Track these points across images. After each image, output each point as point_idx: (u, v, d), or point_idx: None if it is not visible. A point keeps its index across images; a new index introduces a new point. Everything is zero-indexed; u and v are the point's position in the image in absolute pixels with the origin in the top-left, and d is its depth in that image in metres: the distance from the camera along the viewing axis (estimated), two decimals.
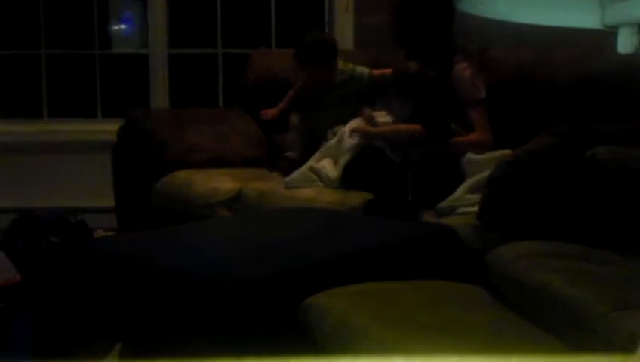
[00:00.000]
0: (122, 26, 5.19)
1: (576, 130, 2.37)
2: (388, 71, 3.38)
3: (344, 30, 4.39)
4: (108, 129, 4.07)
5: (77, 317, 2.37)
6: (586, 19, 1.26)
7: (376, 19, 3.50)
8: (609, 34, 1.27)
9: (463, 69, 3.19)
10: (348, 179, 3.08)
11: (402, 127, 3.11)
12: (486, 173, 2.66)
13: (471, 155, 2.97)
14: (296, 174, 3.20)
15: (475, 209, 2.59)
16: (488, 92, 3.20)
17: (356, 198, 2.95)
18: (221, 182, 3.39)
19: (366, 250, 2.23)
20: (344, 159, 3.12)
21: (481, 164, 2.90)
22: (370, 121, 3.17)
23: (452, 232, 2.46)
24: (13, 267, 2.78)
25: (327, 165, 3.18)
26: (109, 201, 3.84)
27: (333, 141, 3.25)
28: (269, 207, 3.09)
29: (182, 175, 3.53)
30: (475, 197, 2.67)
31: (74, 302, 2.37)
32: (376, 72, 3.53)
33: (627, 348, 1.40)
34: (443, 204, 2.77)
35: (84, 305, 2.33)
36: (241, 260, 2.09)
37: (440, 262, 2.37)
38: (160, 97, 4.73)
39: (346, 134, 3.19)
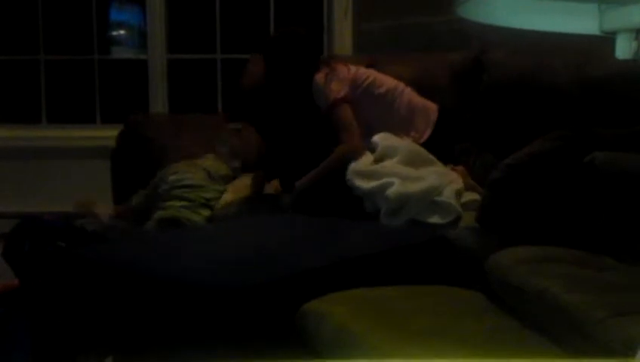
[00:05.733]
0: (121, 32, 5.19)
1: (577, 135, 2.37)
2: None
3: (343, 36, 4.39)
4: (107, 134, 4.08)
5: (71, 325, 2.37)
6: (585, 24, 1.26)
7: (374, 24, 3.51)
8: (608, 39, 1.27)
9: (318, 79, 3.26)
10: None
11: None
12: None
13: (352, 167, 3.00)
14: None
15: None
16: (489, 96, 3.21)
17: None
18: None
19: (362, 256, 2.23)
20: None
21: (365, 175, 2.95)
22: None
23: (444, 239, 2.46)
24: (11, 271, 2.78)
25: None
26: None
27: None
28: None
29: None
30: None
31: (68, 309, 2.36)
32: None
33: (626, 354, 1.40)
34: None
35: (77, 312, 2.32)
36: (237, 266, 2.08)
37: (437, 268, 2.37)
38: (159, 103, 4.73)
39: None
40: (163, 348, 2.04)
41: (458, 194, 2.84)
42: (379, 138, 3.10)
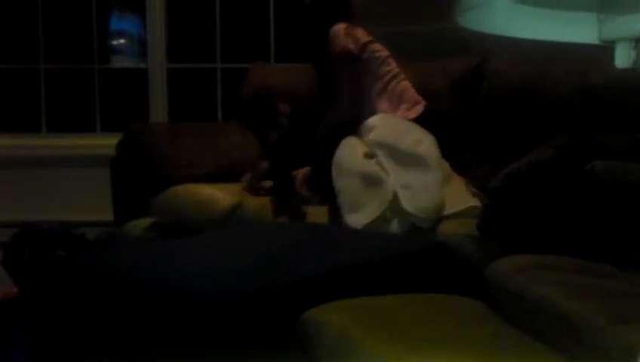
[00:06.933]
0: (121, 41, 5.21)
1: (577, 143, 2.37)
2: None
3: None
4: (107, 143, 4.08)
5: (70, 332, 2.37)
6: (584, 33, 1.27)
7: (375, 31, 3.51)
8: (607, 48, 1.28)
9: (337, 28, 3.36)
10: None
11: None
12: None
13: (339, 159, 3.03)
14: None
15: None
16: (489, 104, 3.21)
17: None
18: (220, 196, 3.38)
19: (362, 264, 2.23)
20: None
21: None
22: None
23: (444, 246, 2.46)
24: (10, 280, 2.78)
25: None
26: (108, 215, 3.84)
27: None
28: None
29: (181, 189, 3.53)
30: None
31: (67, 317, 2.36)
32: None
33: (626, 361, 1.40)
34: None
35: (76, 320, 2.32)
36: (236, 274, 2.08)
37: (436, 276, 2.37)
38: (159, 111, 4.74)
39: None
40: (163, 355, 2.04)
41: (438, 207, 2.82)
42: (375, 121, 3.10)
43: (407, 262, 2.36)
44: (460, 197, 2.88)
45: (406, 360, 1.60)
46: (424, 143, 3.01)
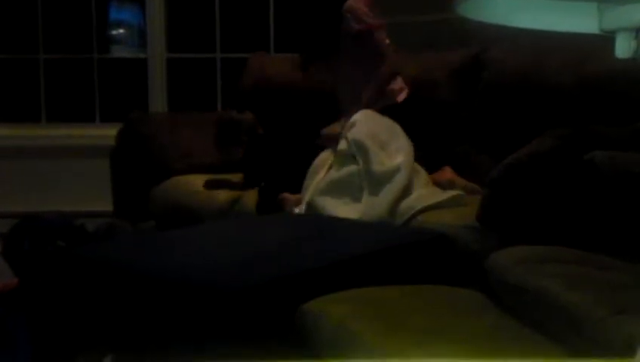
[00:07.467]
0: (121, 30, 5.20)
1: (577, 133, 2.36)
2: None
3: None
4: (106, 133, 4.08)
5: (70, 323, 2.37)
6: (584, 23, 1.26)
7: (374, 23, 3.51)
8: (607, 38, 1.27)
9: (354, 1, 3.31)
10: None
11: None
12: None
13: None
14: None
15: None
16: (488, 94, 3.21)
17: None
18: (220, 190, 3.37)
19: (362, 256, 2.23)
20: None
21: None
22: None
23: (445, 238, 2.46)
24: (10, 271, 2.78)
25: None
26: (107, 206, 3.84)
27: None
28: None
29: (181, 180, 3.53)
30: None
31: (67, 308, 2.36)
32: None
33: (626, 353, 1.40)
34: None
35: (76, 311, 2.32)
36: (236, 266, 2.08)
37: (436, 267, 2.37)
38: (158, 101, 4.73)
39: None
40: (163, 347, 2.04)
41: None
42: (358, 118, 3.07)
43: (407, 253, 2.36)
44: (437, 192, 2.89)
45: (405, 352, 1.60)
46: (402, 152, 2.95)
